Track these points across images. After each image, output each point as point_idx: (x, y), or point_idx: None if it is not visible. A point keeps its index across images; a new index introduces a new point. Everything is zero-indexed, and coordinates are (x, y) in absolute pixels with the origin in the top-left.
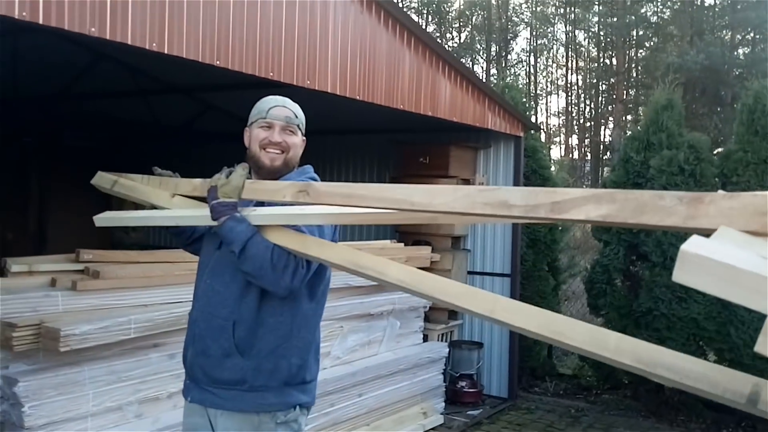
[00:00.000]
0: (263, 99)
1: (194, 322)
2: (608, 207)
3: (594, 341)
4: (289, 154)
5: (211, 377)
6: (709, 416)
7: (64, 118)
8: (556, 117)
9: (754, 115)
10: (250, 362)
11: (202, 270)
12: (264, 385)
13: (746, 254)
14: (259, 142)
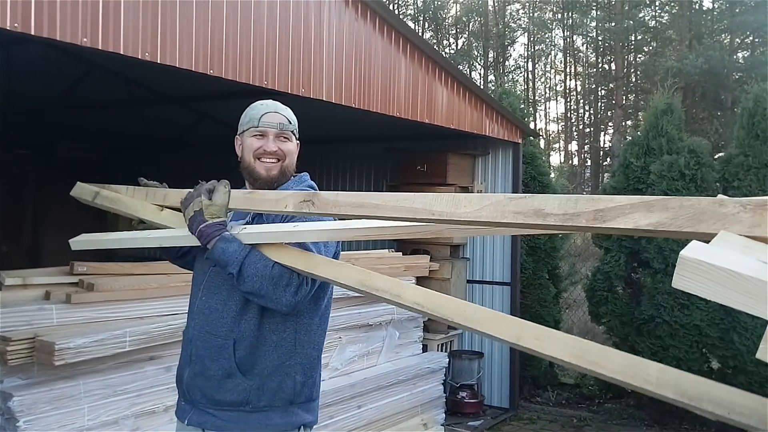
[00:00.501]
0: (253, 105)
1: (190, 341)
2: (660, 215)
3: (633, 372)
4: (286, 162)
5: (211, 399)
6: (713, 425)
7: (57, 130)
8: (555, 123)
9: (754, 118)
10: (252, 382)
11: (196, 286)
12: (268, 405)
13: (747, 259)
14: (253, 152)
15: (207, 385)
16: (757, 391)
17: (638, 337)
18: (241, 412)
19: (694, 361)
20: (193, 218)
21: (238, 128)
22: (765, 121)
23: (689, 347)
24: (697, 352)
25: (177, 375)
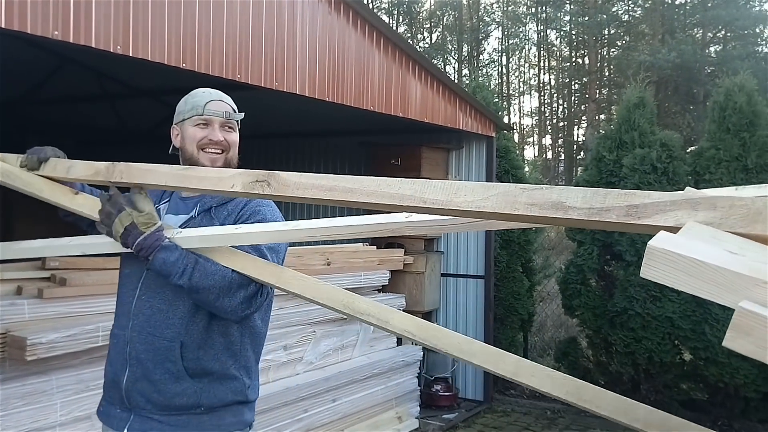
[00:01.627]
0: (194, 93)
1: (128, 342)
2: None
3: (624, 413)
4: (230, 154)
5: (157, 404)
6: (684, 415)
7: (28, 124)
8: (529, 117)
9: (725, 112)
10: (201, 384)
11: (131, 282)
12: (220, 405)
13: (715, 249)
14: (197, 142)
15: (152, 389)
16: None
17: (611, 329)
18: (192, 414)
19: (666, 352)
20: (125, 234)
21: (176, 117)
22: (735, 115)
23: (661, 339)
24: (669, 343)
25: (108, 380)
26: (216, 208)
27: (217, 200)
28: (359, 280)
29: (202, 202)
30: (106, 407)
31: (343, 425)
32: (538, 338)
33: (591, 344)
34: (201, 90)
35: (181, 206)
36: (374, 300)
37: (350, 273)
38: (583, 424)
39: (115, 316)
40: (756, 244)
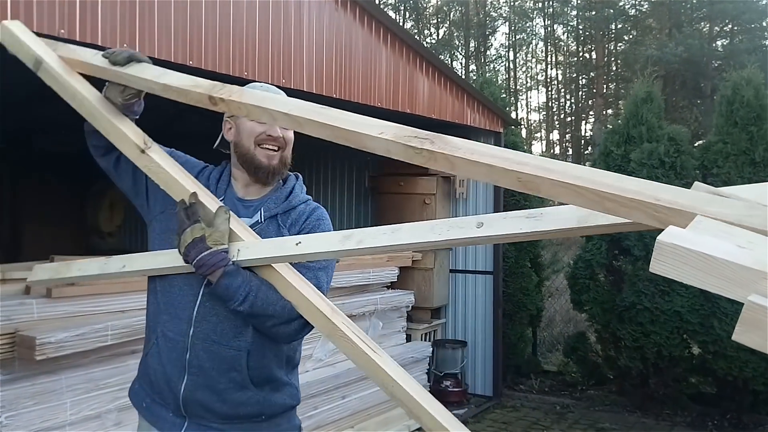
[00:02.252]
0: (252, 86)
1: (187, 349)
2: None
3: None
4: (285, 152)
5: (219, 413)
6: (694, 409)
7: (35, 123)
8: (537, 112)
9: (732, 106)
10: (263, 393)
11: (187, 283)
12: (279, 413)
13: (724, 244)
14: (255, 137)
15: (214, 399)
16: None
17: (620, 324)
18: (254, 422)
19: (675, 346)
20: (191, 245)
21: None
22: (743, 108)
23: (670, 333)
24: (678, 338)
25: (159, 380)
26: (281, 215)
27: (282, 207)
28: (368, 276)
29: (265, 207)
30: (154, 407)
31: (352, 422)
32: (546, 333)
33: (600, 339)
34: (259, 84)
35: (240, 209)
36: (381, 297)
37: (359, 270)
38: (592, 419)
39: (162, 314)
40: (765, 238)
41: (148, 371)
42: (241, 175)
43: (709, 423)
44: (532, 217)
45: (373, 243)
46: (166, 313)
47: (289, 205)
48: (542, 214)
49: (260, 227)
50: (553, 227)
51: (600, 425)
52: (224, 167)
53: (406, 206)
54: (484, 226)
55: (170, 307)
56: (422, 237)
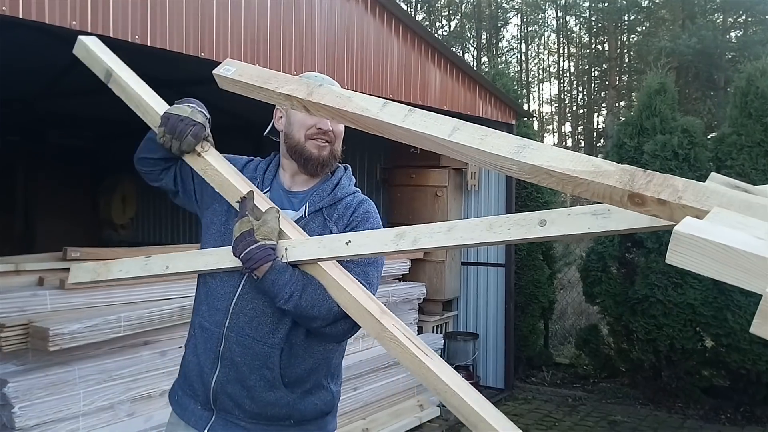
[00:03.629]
0: (308, 76)
1: (221, 341)
2: None
3: None
4: (335, 146)
5: (248, 411)
6: (707, 402)
7: (49, 117)
8: (549, 104)
9: (747, 98)
10: (295, 395)
11: (232, 278)
12: (309, 419)
13: (742, 235)
14: (306, 129)
15: (244, 394)
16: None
17: (632, 317)
18: (281, 426)
19: (688, 339)
20: (240, 239)
21: None
22: (758, 100)
23: (683, 326)
24: (691, 330)
25: (192, 370)
26: (327, 208)
27: (328, 200)
28: None
29: (311, 200)
30: (183, 399)
31: (364, 413)
32: (559, 326)
33: (612, 331)
34: (313, 74)
35: (285, 201)
36: (392, 289)
37: None
38: (604, 411)
39: (201, 304)
40: None
41: (185, 363)
42: (289, 165)
43: (722, 416)
44: (599, 215)
45: (428, 243)
46: (205, 303)
47: (334, 198)
48: (609, 211)
49: (305, 221)
50: (623, 226)
51: (612, 418)
52: (273, 158)
53: (418, 198)
54: (548, 224)
55: (209, 297)
56: (480, 237)
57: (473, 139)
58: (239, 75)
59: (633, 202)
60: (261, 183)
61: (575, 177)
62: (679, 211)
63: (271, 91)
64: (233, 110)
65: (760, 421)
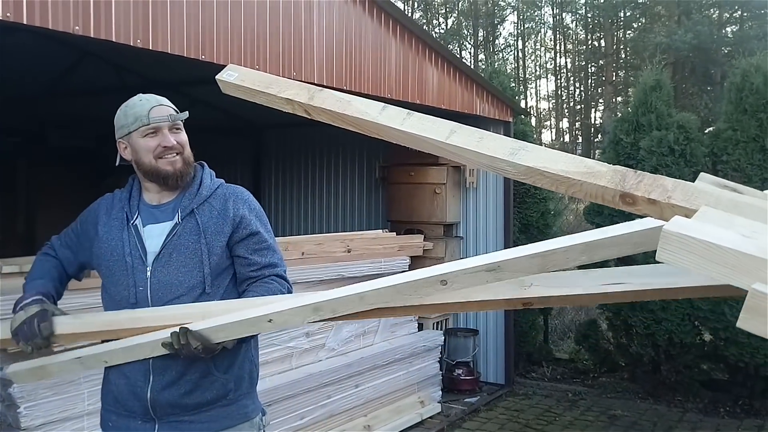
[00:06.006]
0: (132, 103)
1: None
2: None
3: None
4: (185, 153)
5: (185, 406)
6: (706, 396)
7: (50, 118)
8: (546, 101)
9: (742, 93)
10: (228, 375)
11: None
12: (243, 393)
13: (728, 233)
14: (152, 152)
15: (182, 392)
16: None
17: (631, 311)
18: (219, 407)
19: (686, 333)
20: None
21: (119, 131)
22: (753, 95)
23: (681, 320)
24: (689, 324)
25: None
26: (197, 209)
27: (196, 201)
28: (379, 266)
29: (182, 206)
30: (120, 421)
31: (366, 410)
32: (558, 321)
33: (611, 326)
34: (137, 98)
35: (157, 214)
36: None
37: (370, 260)
38: (604, 406)
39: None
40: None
41: (110, 388)
42: (151, 186)
43: (721, 409)
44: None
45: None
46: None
47: (201, 197)
48: (500, 267)
49: (180, 228)
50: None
51: (612, 412)
52: (132, 184)
53: (417, 196)
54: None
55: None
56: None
57: (470, 141)
58: (241, 80)
59: (624, 201)
60: (128, 212)
61: (569, 178)
62: (669, 210)
63: (273, 96)
64: (233, 111)
65: (759, 413)
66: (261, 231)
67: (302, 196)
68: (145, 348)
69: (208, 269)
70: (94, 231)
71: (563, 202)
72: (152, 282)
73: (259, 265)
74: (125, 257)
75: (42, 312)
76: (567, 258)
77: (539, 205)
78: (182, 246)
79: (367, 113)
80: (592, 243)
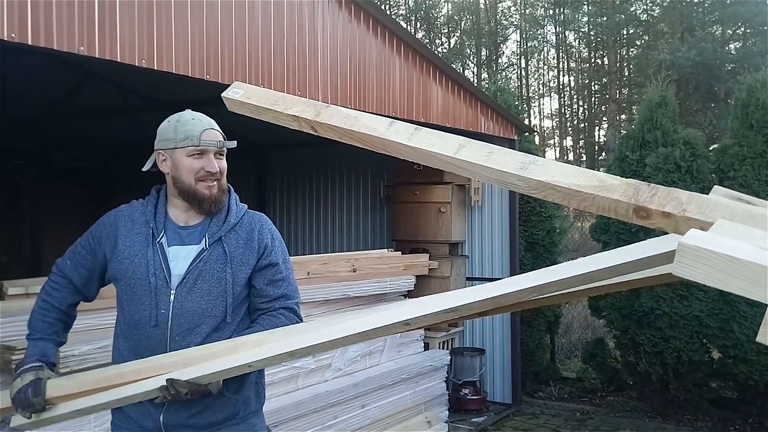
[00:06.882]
0: (185, 120)
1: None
2: None
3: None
4: (222, 181)
5: (201, 424)
6: (715, 414)
7: (54, 139)
8: (550, 119)
9: (748, 109)
10: (237, 395)
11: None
12: (251, 411)
13: (745, 245)
14: (195, 173)
15: (190, 413)
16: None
17: (638, 330)
18: (229, 426)
19: (695, 351)
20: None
21: (164, 142)
22: (759, 111)
23: (689, 338)
24: (698, 342)
25: (133, 413)
26: (225, 236)
27: (225, 228)
28: (385, 286)
29: (210, 232)
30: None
31: (372, 430)
32: (565, 340)
33: (618, 345)
34: (190, 115)
35: (184, 236)
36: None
37: (376, 279)
38: (613, 425)
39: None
40: None
41: (123, 408)
42: (180, 204)
43: (730, 428)
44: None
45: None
46: (136, 356)
47: (229, 224)
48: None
49: (207, 253)
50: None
51: (620, 431)
52: (156, 198)
53: (422, 215)
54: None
55: (139, 350)
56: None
57: (479, 156)
58: (247, 97)
59: (638, 215)
60: (156, 229)
61: (581, 192)
62: (684, 223)
63: (279, 113)
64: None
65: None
66: (279, 262)
67: (307, 215)
68: (138, 396)
69: (231, 299)
70: (112, 243)
71: (568, 220)
72: (174, 306)
73: (271, 297)
74: (149, 277)
75: (35, 382)
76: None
77: (545, 223)
78: (207, 273)
79: (375, 129)
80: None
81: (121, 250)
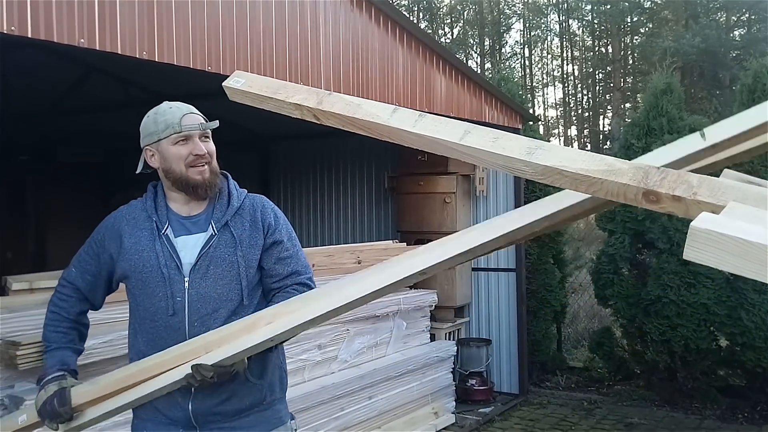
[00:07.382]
0: (162, 110)
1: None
2: None
3: None
4: (213, 163)
5: (229, 412)
6: (723, 402)
7: (57, 135)
8: (554, 108)
9: (754, 95)
10: (262, 380)
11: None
12: (276, 398)
13: (758, 228)
14: (184, 160)
15: (218, 400)
16: (766, 366)
17: (645, 318)
18: (256, 413)
19: (702, 339)
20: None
21: (148, 137)
22: (765, 97)
23: (697, 326)
24: (705, 330)
25: (160, 405)
26: (231, 220)
27: (229, 213)
28: None
29: (215, 218)
30: (160, 429)
31: (379, 422)
32: (571, 329)
33: (625, 333)
34: (167, 105)
35: (189, 225)
36: (404, 297)
37: None
38: (621, 414)
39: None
40: None
41: (151, 401)
42: (178, 196)
43: (739, 415)
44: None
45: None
46: (155, 349)
47: (233, 209)
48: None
49: (216, 239)
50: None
51: (629, 420)
52: (154, 193)
53: (427, 206)
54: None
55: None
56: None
57: (485, 141)
58: (248, 86)
59: (648, 199)
60: (159, 222)
61: (589, 176)
62: (695, 206)
63: (281, 101)
64: (240, 124)
65: None
66: (285, 240)
67: (311, 207)
68: (165, 389)
69: (245, 281)
70: (117, 244)
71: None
72: (190, 293)
73: (281, 276)
74: (161, 268)
75: (60, 392)
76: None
77: None
78: (219, 258)
79: (378, 116)
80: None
81: (128, 248)
